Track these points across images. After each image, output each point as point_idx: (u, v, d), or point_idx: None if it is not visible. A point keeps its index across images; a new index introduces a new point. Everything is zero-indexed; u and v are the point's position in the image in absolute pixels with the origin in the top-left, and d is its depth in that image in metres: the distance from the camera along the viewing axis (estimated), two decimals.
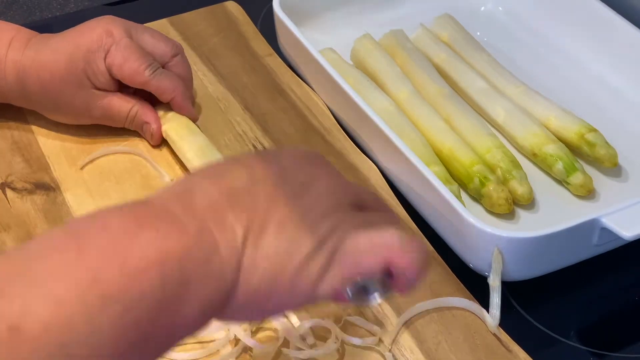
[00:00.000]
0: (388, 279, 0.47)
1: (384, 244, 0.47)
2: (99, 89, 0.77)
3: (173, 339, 0.44)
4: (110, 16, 0.78)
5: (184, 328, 0.44)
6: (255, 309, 0.46)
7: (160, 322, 0.42)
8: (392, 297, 0.50)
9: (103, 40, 0.75)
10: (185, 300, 0.42)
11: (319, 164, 0.50)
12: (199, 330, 0.45)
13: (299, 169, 0.48)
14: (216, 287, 0.44)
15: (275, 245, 0.45)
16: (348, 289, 0.46)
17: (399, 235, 0.47)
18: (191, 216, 0.44)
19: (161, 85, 0.77)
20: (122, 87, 0.78)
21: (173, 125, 0.78)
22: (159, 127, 0.78)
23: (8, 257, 0.43)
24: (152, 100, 0.79)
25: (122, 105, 0.78)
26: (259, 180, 0.46)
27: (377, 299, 0.47)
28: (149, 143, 0.80)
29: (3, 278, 0.40)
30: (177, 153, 0.78)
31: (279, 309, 0.48)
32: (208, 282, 0.43)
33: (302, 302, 0.47)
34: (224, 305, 0.44)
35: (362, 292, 0.47)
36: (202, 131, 0.79)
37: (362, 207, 0.49)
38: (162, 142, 0.80)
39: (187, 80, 0.80)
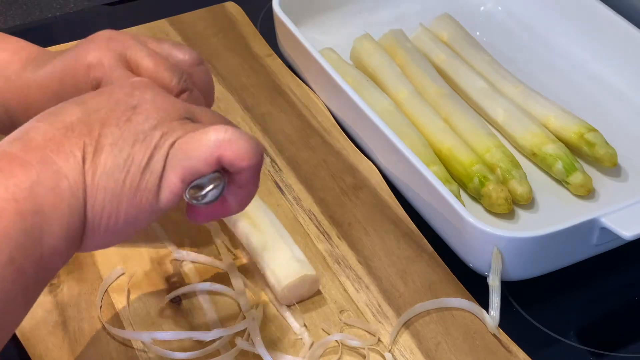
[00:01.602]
0: (224, 175, 0.49)
1: (210, 140, 0.48)
2: None
3: (48, 271, 0.47)
4: (108, 35, 0.63)
5: (55, 257, 0.47)
6: (108, 230, 0.48)
7: (30, 254, 0.45)
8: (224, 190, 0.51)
9: (92, 73, 0.62)
10: (46, 227, 0.45)
11: (148, 87, 0.52)
12: (68, 259, 0.48)
13: (129, 95, 0.50)
14: (70, 210, 0.46)
15: (111, 161, 0.47)
16: (185, 191, 0.49)
17: (224, 129, 0.49)
18: (30, 151, 0.47)
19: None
20: None
21: None
22: None
23: None
24: None
25: None
26: (91, 111, 0.49)
27: (214, 195, 0.49)
28: None
29: None
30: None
31: (130, 227, 0.49)
32: (61, 205, 0.46)
33: (150, 214, 0.49)
34: (82, 228, 0.48)
35: (197, 190, 0.48)
36: None
37: (195, 120, 0.51)
38: None
39: (209, 92, 0.69)
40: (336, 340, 0.64)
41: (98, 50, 0.62)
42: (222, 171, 0.50)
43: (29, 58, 0.65)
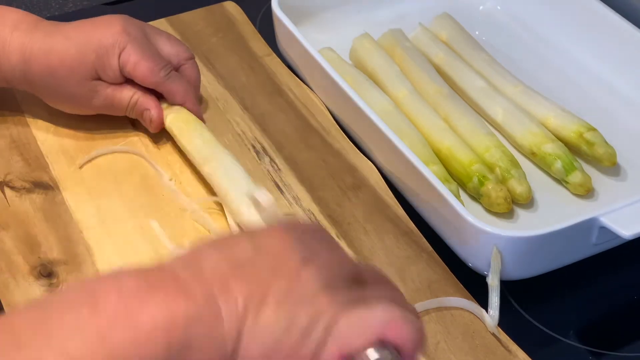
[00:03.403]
0: (397, 355, 0.47)
1: (374, 320, 0.47)
2: (103, 82, 0.77)
3: None
4: (126, 15, 0.78)
5: None
6: None
7: None
8: None
9: (119, 37, 0.75)
10: None
11: (321, 238, 0.51)
12: None
13: (301, 243, 0.49)
14: (217, 355, 0.45)
15: (274, 319, 0.45)
16: None
17: (391, 310, 0.47)
18: (198, 283, 0.45)
19: (173, 87, 0.78)
20: (127, 81, 0.78)
21: (176, 117, 0.78)
22: (160, 113, 0.78)
23: (31, 309, 0.45)
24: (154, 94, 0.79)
25: (124, 94, 0.78)
26: (262, 252, 0.48)
27: None
28: (149, 130, 0.79)
29: (24, 330, 0.43)
30: (180, 145, 0.78)
31: None
32: (210, 348, 0.44)
33: None
34: None
35: None
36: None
37: (362, 282, 0.49)
38: (161, 141, 0.80)
39: (196, 85, 0.81)
40: None
41: (123, 20, 0.75)
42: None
43: (37, 21, 0.77)
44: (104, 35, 0.75)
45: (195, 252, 0.48)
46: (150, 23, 0.91)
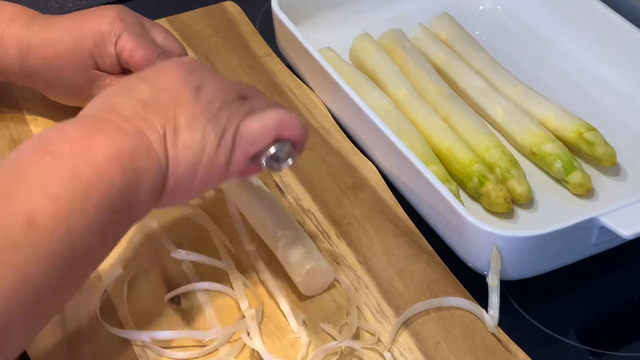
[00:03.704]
0: (291, 146, 0.60)
1: (270, 122, 0.59)
2: (101, 71, 0.77)
3: (132, 222, 0.56)
4: (122, 5, 0.78)
5: (141, 210, 0.56)
6: (184, 192, 0.58)
7: (125, 206, 0.54)
8: (295, 161, 0.61)
9: (116, 24, 0.75)
10: (139, 185, 0.54)
11: (203, 68, 0.61)
12: (147, 213, 0.57)
13: (190, 76, 0.59)
14: (157, 174, 0.55)
15: (190, 139, 0.56)
16: (263, 161, 0.60)
17: (280, 112, 0.60)
18: (126, 122, 0.55)
19: None
20: (124, 72, 0.78)
21: None
22: None
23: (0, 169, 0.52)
24: None
25: None
26: (160, 89, 0.58)
27: (286, 163, 0.60)
28: None
29: (5, 184, 0.50)
30: None
31: (202, 189, 0.60)
32: (151, 170, 0.55)
33: (220, 180, 0.60)
34: (163, 189, 0.56)
35: (273, 160, 0.60)
36: None
37: (246, 97, 0.61)
38: None
39: None
40: (334, 339, 0.64)
41: (119, 9, 0.76)
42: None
43: (34, 15, 0.78)
44: (101, 23, 0.76)
45: (105, 99, 0.58)
46: None
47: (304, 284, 0.66)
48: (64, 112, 0.81)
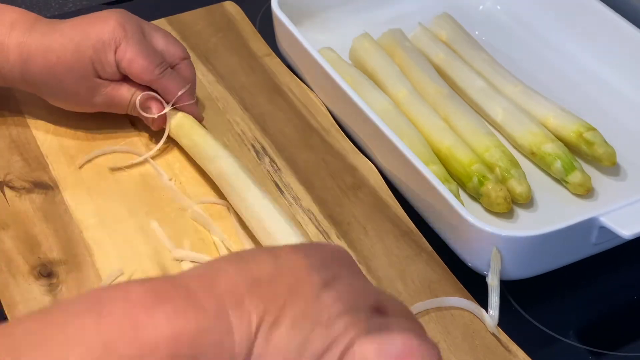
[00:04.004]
0: None
1: (392, 349, 0.45)
2: (102, 79, 0.77)
3: None
4: (123, 10, 0.78)
5: None
6: None
7: None
8: None
9: (115, 32, 0.75)
10: None
11: (344, 262, 0.49)
12: None
13: (324, 266, 0.48)
14: None
15: (287, 340, 0.44)
16: None
17: (410, 340, 0.46)
18: (210, 296, 0.44)
19: (168, 85, 0.77)
20: (126, 78, 0.78)
21: (176, 120, 0.78)
22: (161, 110, 0.78)
23: (33, 318, 0.43)
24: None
25: (124, 91, 0.77)
26: (283, 271, 0.46)
27: None
28: (152, 129, 0.79)
29: (24, 339, 0.42)
30: (181, 144, 0.78)
31: None
32: None
33: None
34: None
35: None
36: None
37: (383, 312, 0.48)
38: (162, 140, 0.80)
39: (192, 83, 0.80)
40: None
41: (120, 16, 0.74)
42: None
43: (35, 20, 0.76)
44: (101, 31, 0.75)
45: (210, 266, 0.47)
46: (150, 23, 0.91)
47: None
48: (64, 115, 0.81)
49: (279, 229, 0.68)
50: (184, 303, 0.43)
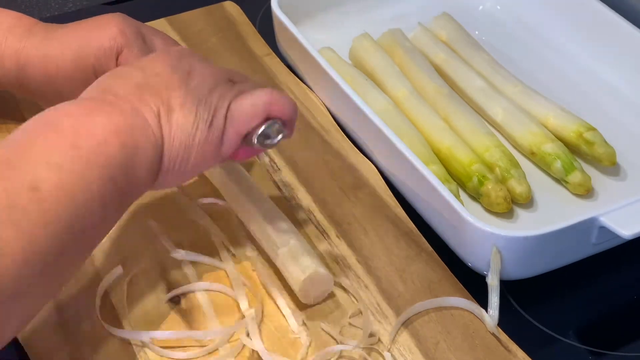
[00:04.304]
0: (281, 125, 0.62)
1: (260, 101, 0.61)
2: None
3: (132, 197, 0.59)
4: (122, 15, 0.76)
5: (139, 187, 0.58)
6: (179, 172, 0.60)
7: (125, 179, 0.56)
8: (286, 138, 0.63)
9: (117, 39, 0.74)
10: (137, 161, 0.57)
11: (192, 55, 0.64)
12: (144, 192, 0.60)
13: (180, 62, 0.62)
14: (153, 152, 0.58)
15: (183, 118, 0.59)
16: (254, 138, 0.61)
17: (270, 92, 0.62)
18: (122, 101, 0.58)
19: None
20: None
21: None
22: None
23: (3, 146, 0.54)
24: None
25: None
26: (153, 75, 0.60)
27: (275, 140, 0.62)
28: None
29: (9, 158, 0.53)
30: None
31: (196, 170, 0.62)
32: (148, 147, 0.57)
33: (213, 161, 0.62)
34: (159, 169, 0.59)
35: (264, 137, 0.62)
36: None
37: (235, 82, 0.63)
38: None
39: None
40: (335, 339, 0.64)
41: (119, 21, 0.75)
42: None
43: (32, 25, 0.77)
44: (102, 38, 0.74)
45: (100, 83, 0.60)
46: (150, 23, 0.92)
47: (303, 293, 0.66)
48: None
49: (277, 228, 0.68)
50: (110, 109, 0.57)
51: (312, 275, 0.65)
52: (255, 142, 0.62)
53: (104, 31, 0.75)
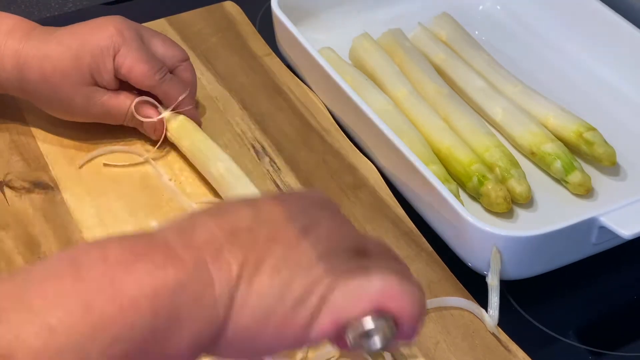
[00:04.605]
0: (393, 326, 0.46)
1: (372, 289, 0.46)
2: (100, 87, 0.76)
3: None
4: (120, 17, 0.77)
5: (174, 358, 0.44)
6: (244, 348, 0.46)
7: (148, 354, 0.42)
8: (396, 346, 0.50)
9: (114, 38, 0.74)
10: (176, 333, 0.43)
11: (325, 207, 0.49)
12: None
13: (304, 213, 0.48)
14: (207, 322, 0.44)
15: (268, 286, 0.45)
16: (349, 334, 0.45)
17: (390, 278, 0.46)
18: (188, 249, 0.44)
19: (169, 90, 0.77)
20: (122, 87, 0.77)
21: (176, 125, 0.78)
22: (161, 120, 0.77)
23: (9, 280, 0.43)
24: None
25: (121, 101, 0.77)
26: (262, 221, 0.47)
27: (377, 345, 0.45)
28: (151, 138, 0.79)
29: (3, 303, 0.41)
30: (183, 151, 0.78)
31: (269, 350, 0.47)
32: (199, 316, 0.43)
33: (292, 344, 0.47)
34: (214, 340, 0.45)
35: (363, 337, 0.45)
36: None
37: (365, 254, 0.48)
38: (162, 142, 0.80)
39: (192, 86, 0.80)
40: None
41: (117, 22, 0.73)
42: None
43: (32, 28, 0.76)
44: (99, 38, 0.75)
45: (189, 219, 0.47)
46: (150, 23, 0.92)
47: None
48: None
49: None
50: (162, 258, 0.43)
51: None
52: (350, 337, 0.45)
53: (102, 31, 0.75)
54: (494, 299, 0.65)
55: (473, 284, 0.68)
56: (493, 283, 0.65)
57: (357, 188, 0.77)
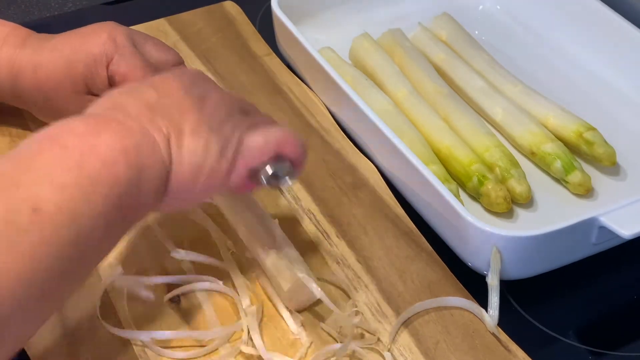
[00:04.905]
0: (291, 166, 0.61)
1: (272, 139, 0.60)
2: (94, 95, 0.76)
3: (136, 218, 0.57)
4: (113, 22, 0.76)
5: (143, 208, 0.57)
6: (185, 196, 0.59)
7: (129, 201, 0.54)
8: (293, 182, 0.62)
9: (106, 46, 0.74)
10: (144, 181, 0.55)
11: (206, 79, 0.63)
12: (150, 212, 0.58)
13: (194, 85, 0.60)
14: (161, 173, 0.56)
15: (194, 144, 0.57)
16: (262, 176, 0.60)
17: (283, 130, 0.62)
18: (132, 120, 0.56)
19: None
20: None
21: None
22: None
23: (7, 160, 0.52)
24: None
25: None
26: (165, 95, 0.59)
27: (288, 182, 0.61)
28: None
29: (12, 174, 0.51)
30: None
31: (203, 196, 0.61)
32: (155, 168, 0.56)
33: (218, 190, 0.62)
34: (165, 191, 0.57)
35: (272, 177, 0.60)
36: None
37: (247, 113, 0.62)
38: None
39: None
40: (334, 339, 0.64)
41: (110, 29, 0.74)
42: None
43: (27, 36, 0.77)
44: (91, 45, 0.74)
45: (110, 99, 0.58)
46: (150, 23, 0.92)
47: (288, 302, 0.66)
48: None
49: (262, 237, 0.68)
50: (118, 127, 0.55)
51: (293, 286, 0.64)
52: (264, 180, 0.60)
53: (94, 38, 0.74)
54: (494, 299, 0.65)
55: (473, 284, 0.68)
56: (493, 283, 0.65)
57: (357, 188, 0.77)
